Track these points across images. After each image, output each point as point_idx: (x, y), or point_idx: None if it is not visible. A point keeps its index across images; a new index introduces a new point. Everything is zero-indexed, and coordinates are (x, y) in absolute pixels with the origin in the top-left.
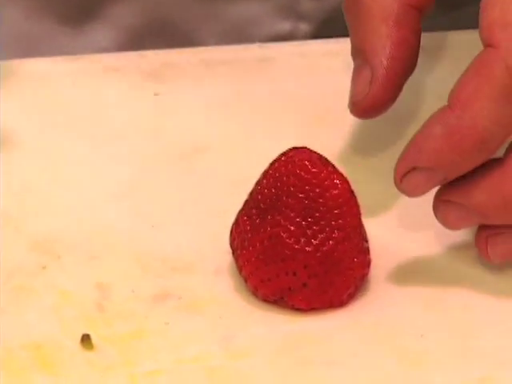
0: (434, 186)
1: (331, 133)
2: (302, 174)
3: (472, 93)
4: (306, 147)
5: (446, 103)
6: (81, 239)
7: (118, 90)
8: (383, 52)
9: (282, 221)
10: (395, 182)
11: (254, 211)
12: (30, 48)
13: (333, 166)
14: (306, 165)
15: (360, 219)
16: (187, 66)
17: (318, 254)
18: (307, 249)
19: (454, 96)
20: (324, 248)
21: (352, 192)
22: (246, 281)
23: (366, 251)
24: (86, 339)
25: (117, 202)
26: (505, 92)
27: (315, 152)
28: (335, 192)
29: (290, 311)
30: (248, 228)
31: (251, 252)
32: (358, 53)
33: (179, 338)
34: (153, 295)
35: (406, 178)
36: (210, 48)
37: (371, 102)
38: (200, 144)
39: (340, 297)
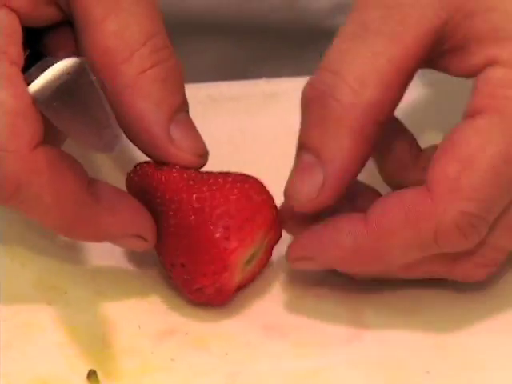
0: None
1: None
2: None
3: (393, 229)
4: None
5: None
6: (87, 275)
7: None
8: (341, 164)
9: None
10: (287, 258)
11: None
12: None
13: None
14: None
15: None
16: (193, 102)
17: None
18: None
19: (375, 218)
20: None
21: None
22: None
23: None
24: (92, 375)
25: None
26: (423, 244)
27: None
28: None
29: (295, 346)
30: None
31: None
32: (311, 150)
33: (185, 374)
34: (159, 331)
35: (300, 263)
36: (216, 83)
37: (315, 206)
38: None
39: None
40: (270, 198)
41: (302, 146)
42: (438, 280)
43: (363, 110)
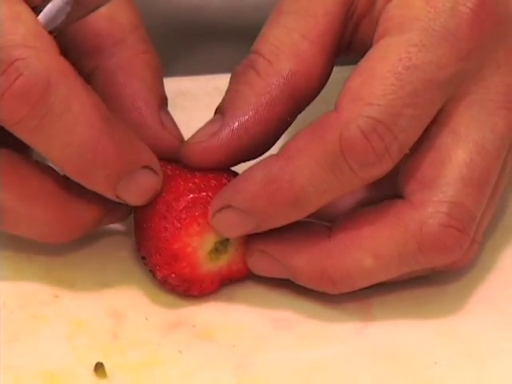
0: (246, 232)
1: None
2: None
3: (300, 149)
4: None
5: None
6: (94, 267)
7: None
8: (240, 118)
9: None
10: (208, 217)
11: None
12: None
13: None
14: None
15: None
16: (201, 94)
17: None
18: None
19: (285, 147)
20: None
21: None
22: None
23: None
24: (99, 368)
25: (128, 229)
26: (331, 159)
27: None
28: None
29: (303, 338)
30: None
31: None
32: (218, 110)
33: (193, 366)
34: (166, 323)
35: (219, 214)
36: (224, 75)
37: (202, 149)
38: None
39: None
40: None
41: (216, 111)
42: (444, 272)
43: (276, 78)
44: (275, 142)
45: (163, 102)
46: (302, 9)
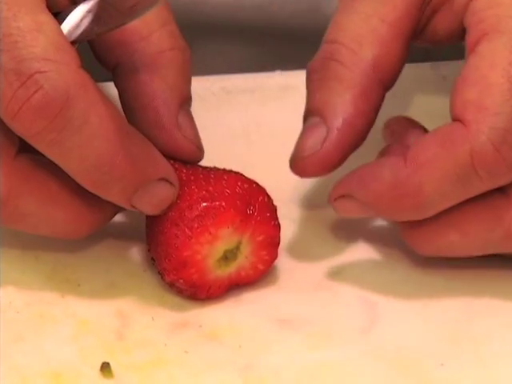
0: (363, 216)
1: (352, 162)
2: None
3: (430, 159)
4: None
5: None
6: (100, 267)
7: None
8: (343, 117)
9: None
10: (329, 199)
11: None
12: None
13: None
14: None
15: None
16: (207, 94)
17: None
18: None
19: (414, 153)
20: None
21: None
22: None
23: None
24: (105, 367)
25: (135, 230)
26: (460, 173)
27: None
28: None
29: (309, 339)
30: None
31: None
32: (315, 112)
33: (199, 366)
34: (173, 323)
35: (340, 201)
36: (230, 76)
37: (320, 159)
38: None
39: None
40: (241, 195)
41: (307, 113)
42: (452, 272)
43: (363, 66)
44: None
45: (184, 101)
46: None
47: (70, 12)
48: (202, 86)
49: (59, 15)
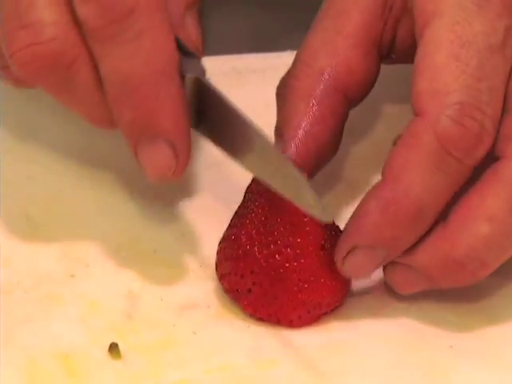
0: (378, 266)
1: (360, 143)
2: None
3: (403, 164)
4: None
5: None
6: (109, 247)
7: None
8: (298, 127)
9: (247, 222)
10: (337, 265)
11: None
12: None
13: None
14: None
15: (322, 247)
16: (218, 74)
17: (264, 264)
18: (257, 255)
19: (387, 169)
20: (271, 260)
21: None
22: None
23: (331, 281)
24: (113, 348)
25: (146, 211)
26: (434, 159)
27: None
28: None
29: (318, 321)
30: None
31: (220, 247)
32: (277, 132)
33: (207, 347)
34: (181, 304)
35: (348, 259)
36: (241, 56)
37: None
38: None
39: (287, 316)
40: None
41: (275, 135)
42: None
43: (316, 76)
44: (339, 140)
45: (191, 2)
46: (336, 10)
47: None
48: (213, 66)
49: None
